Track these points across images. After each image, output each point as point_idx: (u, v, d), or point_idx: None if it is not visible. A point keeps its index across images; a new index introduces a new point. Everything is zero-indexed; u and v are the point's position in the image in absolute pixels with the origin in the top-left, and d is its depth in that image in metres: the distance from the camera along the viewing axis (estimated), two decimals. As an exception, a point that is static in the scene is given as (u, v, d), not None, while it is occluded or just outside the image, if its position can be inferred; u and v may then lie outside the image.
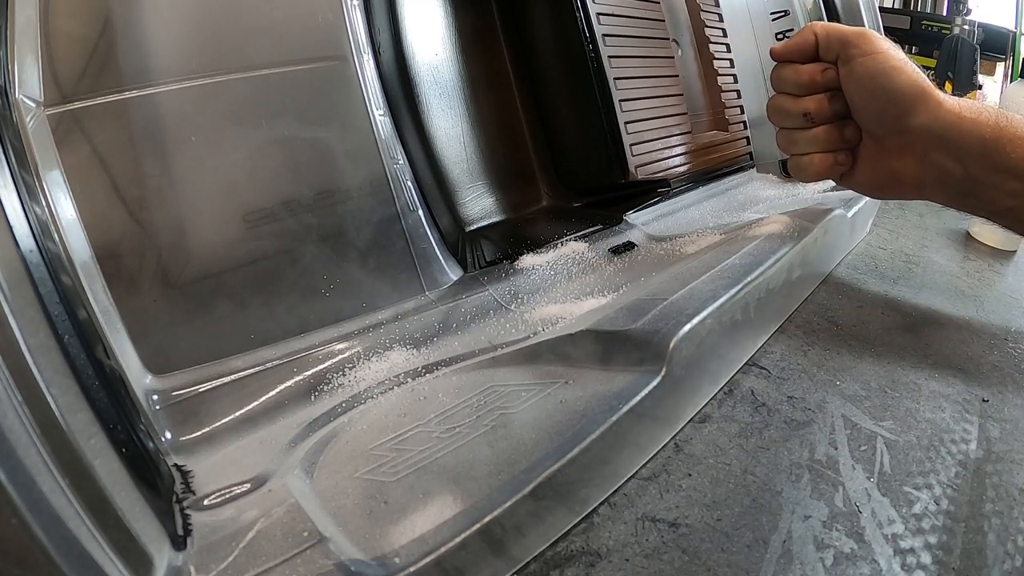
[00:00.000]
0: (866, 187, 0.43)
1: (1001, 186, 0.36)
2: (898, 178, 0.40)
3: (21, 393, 0.19)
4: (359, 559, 0.23)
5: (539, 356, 0.35)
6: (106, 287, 0.30)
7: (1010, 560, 0.28)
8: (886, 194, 0.43)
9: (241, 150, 0.35)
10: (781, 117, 0.42)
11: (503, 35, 0.58)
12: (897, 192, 0.41)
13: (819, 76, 0.40)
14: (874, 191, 0.43)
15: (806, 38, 0.40)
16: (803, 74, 0.40)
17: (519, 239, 0.49)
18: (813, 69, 0.40)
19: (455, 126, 0.53)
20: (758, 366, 0.41)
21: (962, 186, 0.37)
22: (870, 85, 0.38)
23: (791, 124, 0.42)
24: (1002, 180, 0.36)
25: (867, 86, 0.38)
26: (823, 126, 0.40)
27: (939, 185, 0.38)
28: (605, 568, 0.26)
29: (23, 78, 0.29)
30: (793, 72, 0.40)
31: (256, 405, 0.32)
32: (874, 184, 0.42)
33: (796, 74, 0.40)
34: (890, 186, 0.41)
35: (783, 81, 0.41)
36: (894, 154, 0.39)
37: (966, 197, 0.38)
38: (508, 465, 0.27)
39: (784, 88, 0.41)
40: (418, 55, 0.50)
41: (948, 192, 0.39)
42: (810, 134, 0.41)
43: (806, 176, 0.42)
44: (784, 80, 0.41)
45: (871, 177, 0.41)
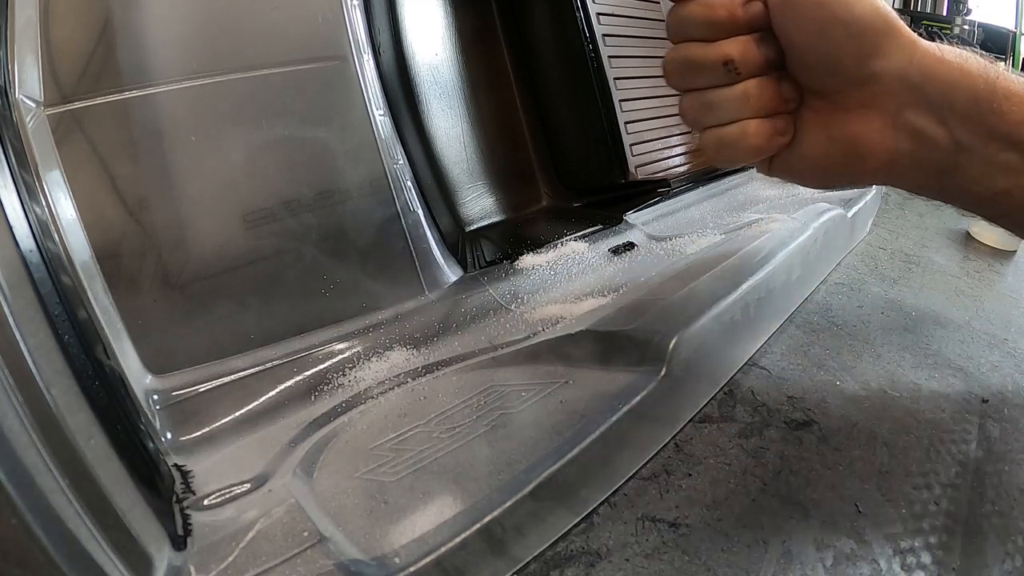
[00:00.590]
0: (813, 170, 0.31)
1: (994, 158, 0.27)
2: (859, 150, 0.29)
3: (21, 393, 0.19)
4: (359, 559, 0.23)
5: (539, 356, 0.35)
6: (106, 287, 0.30)
7: (1010, 560, 0.28)
8: (840, 178, 0.31)
9: (241, 150, 0.35)
10: (688, 73, 0.30)
11: (503, 35, 0.58)
12: (855, 173, 0.30)
13: (740, 10, 0.29)
14: (824, 175, 0.31)
15: None
16: (718, 8, 0.29)
17: (519, 239, 0.49)
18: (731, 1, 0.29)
19: (455, 126, 0.53)
20: (758, 366, 0.41)
21: (945, 158, 0.28)
22: (817, 15, 0.27)
23: (705, 81, 0.30)
24: (996, 150, 0.27)
25: (812, 17, 0.28)
26: (753, 79, 0.29)
27: (914, 158, 0.29)
28: (605, 568, 0.26)
29: (23, 78, 0.29)
30: (702, 7, 0.29)
31: (256, 405, 0.32)
32: (825, 163, 0.30)
33: (707, 9, 0.29)
34: (847, 164, 0.30)
35: (688, 22, 0.29)
36: (853, 114, 0.29)
37: (948, 175, 0.29)
38: (508, 465, 0.27)
39: (690, 32, 0.29)
40: (418, 55, 0.50)
41: (926, 168, 0.29)
42: (736, 91, 0.29)
43: (734, 155, 0.30)
44: (689, 20, 0.29)
45: (822, 151, 0.30)
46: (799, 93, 0.30)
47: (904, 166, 0.29)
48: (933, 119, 0.28)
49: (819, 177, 0.31)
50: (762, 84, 0.29)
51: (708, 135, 0.30)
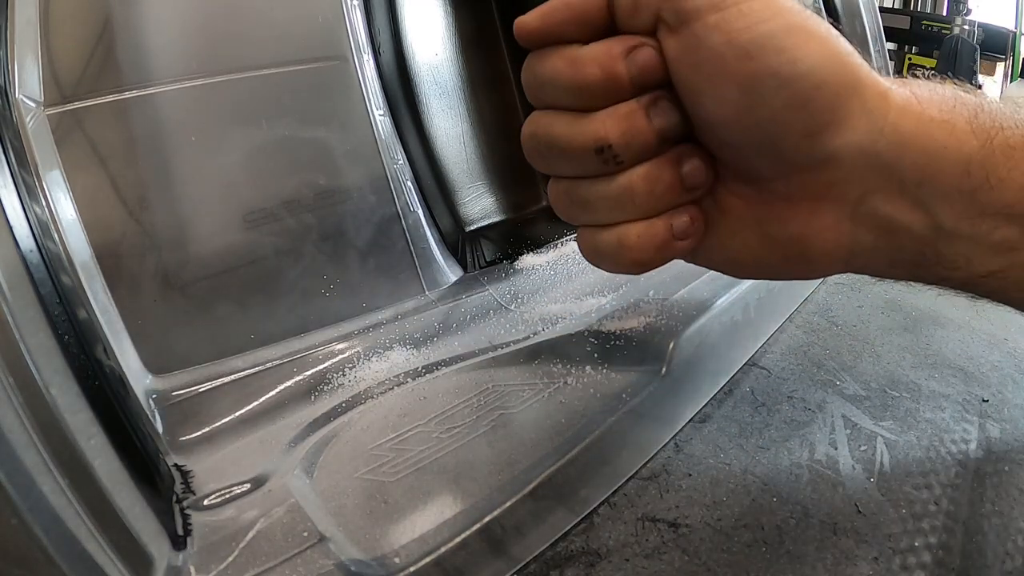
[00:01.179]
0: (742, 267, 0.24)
1: (985, 238, 0.20)
2: (805, 251, 0.22)
3: (21, 393, 0.19)
4: (359, 559, 0.23)
5: (539, 356, 0.35)
6: (106, 287, 0.30)
7: (1010, 560, 0.28)
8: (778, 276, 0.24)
9: (241, 150, 0.35)
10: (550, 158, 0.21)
11: (503, 35, 0.58)
12: (798, 271, 0.23)
13: (621, 64, 0.19)
14: (757, 273, 0.24)
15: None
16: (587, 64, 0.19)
17: (519, 239, 0.49)
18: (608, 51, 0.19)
19: (455, 126, 0.53)
20: (758, 366, 0.41)
21: (921, 247, 0.21)
22: (743, 72, 0.18)
23: (573, 170, 0.21)
24: (989, 228, 0.20)
25: (736, 75, 0.18)
26: (641, 166, 0.20)
27: (880, 254, 0.21)
28: (605, 568, 0.26)
29: (23, 78, 0.29)
30: (565, 63, 0.20)
31: (256, 405, 0.32)
32: (758, 263, 0.23)
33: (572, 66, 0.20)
34: (787, 264, 0.23)
35: (548, 85, 0.21)
36: (798, 209, 0.21)
37: (926, 267, 0.21)
38: (508, 465, 0.27)
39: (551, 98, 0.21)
40: (418, 55, 0.50)
41: (896, 264, 0.22)
42: (614, 187, 0.20)
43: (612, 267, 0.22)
44: (549, 83, 0.20)
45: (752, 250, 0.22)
46: (711, 173, 0.21)
47: (863, 261, 0.22)
48: (906, 202, 0.20)
49: (747, 274, 0.25)
50: (653, 172, 0.20)
51: (584, 237, 0.23)
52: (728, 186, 0.22)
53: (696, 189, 0.21)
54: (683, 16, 0.18)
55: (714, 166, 0.21)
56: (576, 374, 0.33)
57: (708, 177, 0.21)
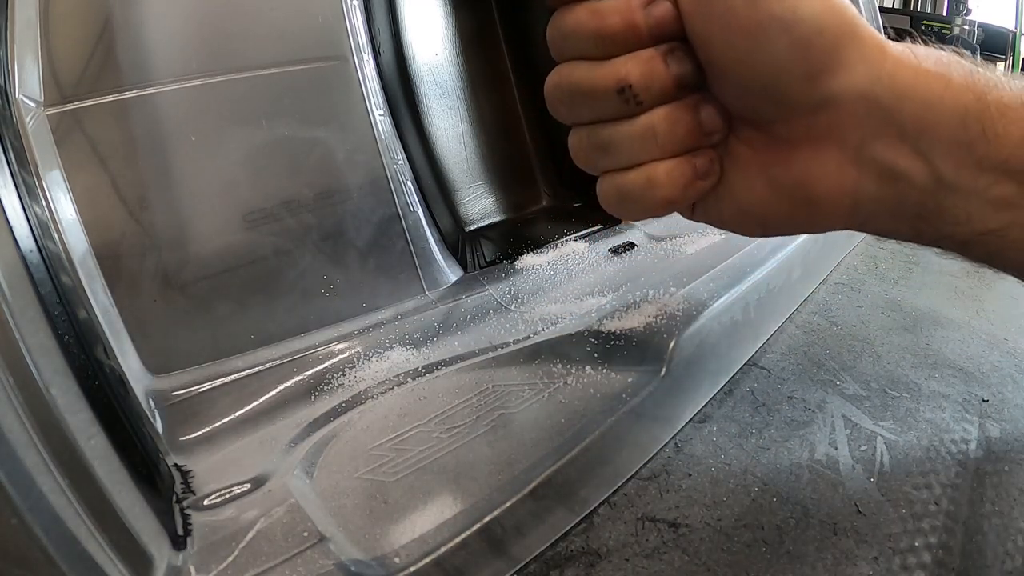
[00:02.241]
0: (748, 218, 0.24)
1: (985, 193, 0.21)
2: (809, 195, 0.22)
3: (21, 393, 0.19)
4: (359, 559, 0.23)
5: (539, 356, 0.35)
6: (106, 287, 0.30)
7: (1010, 560, 0.28)
8: (783, 227, 0.24)
9: (241, 150, 0.35)
10: (574, 104, 0.22)
11: (503, 35, 0.58)
12: (804, 222, 0.24)
13: (639, 14, 0.20)
14: (762, 225, 0.24)
15: None
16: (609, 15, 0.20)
17: (519, 239, 0.49)
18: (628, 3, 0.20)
19: (455, 126, 0.53)
20: (758, 366, 0.41)
21: (923, 198, 0.21)
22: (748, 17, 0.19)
23: (596, 113, 0.22)
24: (988, 183, 0.21)
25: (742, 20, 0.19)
26: (660, 108, 0.21)
27: (882, 202, 0.22)
28: (605, 568, 0.26)
29: (23, 78, 0.29)
30: (588, 13, 0.21)
31: (256, 405, 0.32)
32: (764, 212, 0.23)
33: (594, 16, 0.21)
34: (793, 213, 0.23)
35: (571, 34, 0.21)
36: (802, 151, 0.22)
37: (925, 218, 0.22)
38: (508, 465, 0.27)
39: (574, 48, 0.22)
40: (418, 55, 0.50)
41: (897, 212, 0.22)
42: (637, 126, 0.21)
43: (639, 209, 0.23)
44: (572, 32, 0.21)
45: (759, 198, 0.23)
46: (726, 120, 0.22)
47: (868, 212, 0.22)
48: (907, 150, 0.21)
49: (755, 226, 0.24)
50: (673, 114, 0.21)
51: (606, 183, 0.23)
52: (737, 134, 0.23)
53: (713, 134, 0.22)
54: None
55: (725, 114, 0.22)
56: (576, 374, 0.33)
57: (724, 123, 0.22)
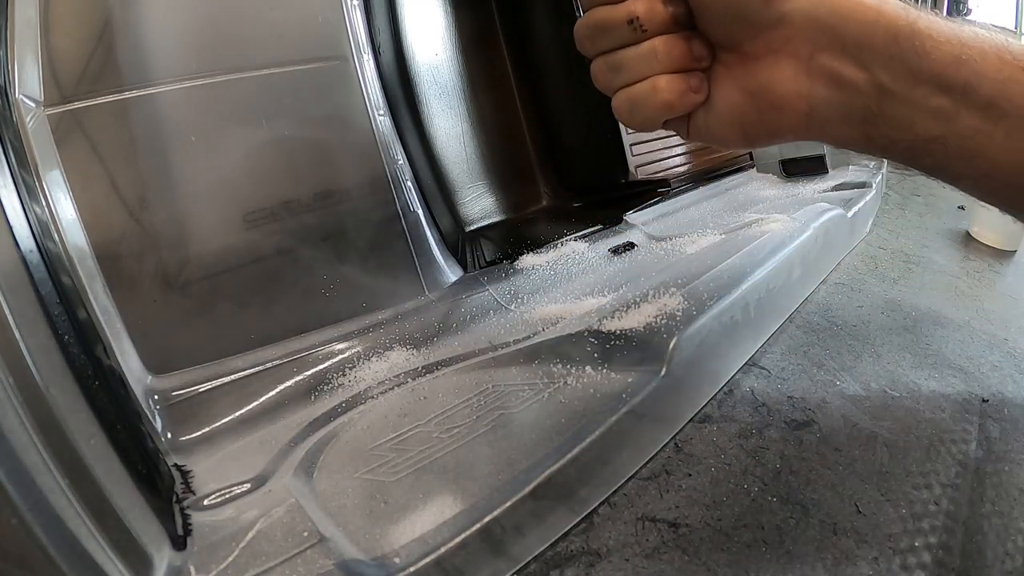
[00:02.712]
0: (731, 128, 0.30)
1: (923, 103, 0.25)
2: (774, 100, 0.28)
3: (21, 393, 0.19)
4: (359, 559, 0.23)
5: (539, 356, 0.35)
6: (106, 287, 0.30)
7: (1010, 560, 0.28)
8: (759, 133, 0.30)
9: (241, 150, 0.35)
10: (597, 36, 0.29)
11: (503, 35, 0.58)
12: (774, 126, 0.29)
13: None
14: (743, 133, 0.30)
15: None
16: None
17: (519, 239, 0.49)
18: None
19: (455, 126, 0.53)
20: (758, 366, 0.41)
21: (868, 103, 0.26)
22: None
23: (613, 42, 0.29)
24: (924, 94, 0.25)
25: None
26: (660, 36, 0.28)
27: (833, 105, 0.27)
28: (605, 568, 0.26)
29: (23, 78, 0.29)
30: None
31: (256, 405, 0.32)
32: (742, 119, 0.29)
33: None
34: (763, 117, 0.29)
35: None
36: (764, 62, 0.28)
37: (872, 123, 0.27)
38: (508, 465, 0.27)
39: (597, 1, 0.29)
40: (418, 55, 0.50)
41: (848, 116, 0.27)
42: (644, 48, 0.28)
43: (646, 113, 0.29)
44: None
45: (736, 106, 0.29)
46: (711, 51, 0.29)
47: (824, 115, 0.27)
48: (850, 62, 0.26)
49: (739, 136, 0.30)
50: (670, 41, 0.28)
51: (619, 96, 0.30)
52: (720, 59, 0.29)
53: (702, 60, 0.29)
54: None
55: (711, 48, 0.29)
56: (576, 374, 0.33)
57: (709, 53, 0.29)
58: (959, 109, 0.25)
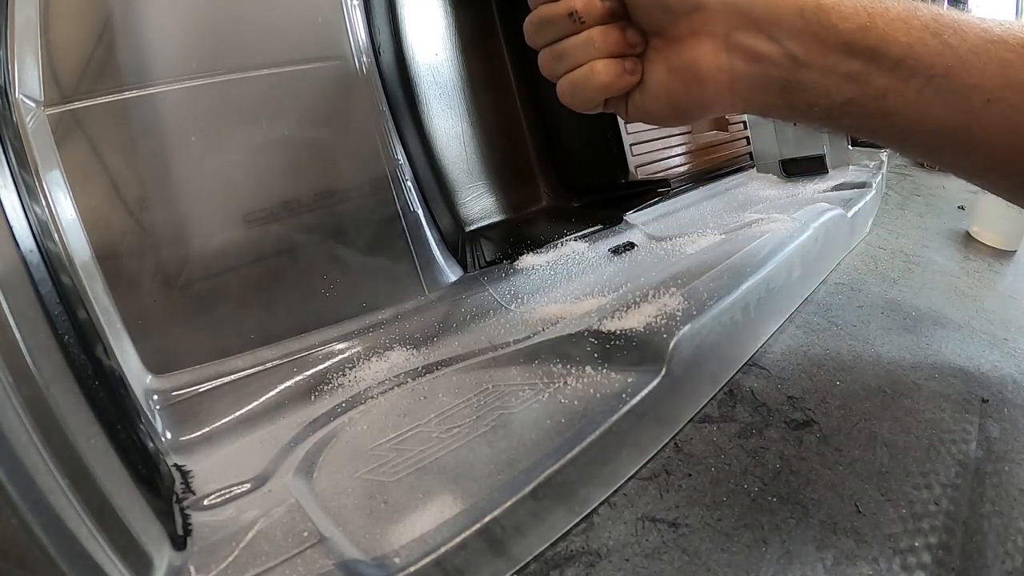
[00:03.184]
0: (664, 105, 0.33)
1: (835, 69, 0.28)
2: (697, 74, 0.31)
3: (21, 393, 0.19)
4: (359, 559, 0.23)
5: (539, 356, 0.35)
6: (106, 287, 0.30)
7: (1010, 560, 0.28)
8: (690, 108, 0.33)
9: (241, 150, 0.35)
10: (542, 30, 0.33)
11: (503, 35, 0.58)
12: (701, 100, 0.32)
13: None
14: (675, 109, 0.33)
15: None
16: None
17: (519, 239, 0.49)
18: None
19: (455, 126, 0.53)
20: (758, 366, 0.41)
21: (784, 74, 0.29)
22: None
23: (556, 34, 0.33)
24: (835, 61, 0.28)
25: None
26: (597, 27, 0.32)
27: (752, 77, 0.30)
28: (605, 568, 0.26)
29: (23, 78, 0.29)
30: None
31: (256, 405, 0.32)
32: (672, 95, 0.32)
33: None
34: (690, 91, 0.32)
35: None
36: (687, 43, 0.31)
37: (791, 91, 0.29)
38: (508, 465, 0.27)
39: None
40: (418, 55, 0.50)
41: (767, 86, 0.30)
42: (582, 37, 0.32)
43: (586, 93, 0.32)
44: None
45: (666, 83, 0.32)
46: (643, 39, 0.32)
47: (745, 86, 0.30)
48: (763, 37, 0.29)
49: (671, 111, 0.33)
50: (606, 30, 0.32)
51: (563, 81, 0.33)
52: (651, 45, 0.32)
53: (636, 46, 0.32)
54: None
55: (643, 35, 0.32)
56: (576, 374, 0.33)
57: (642, 40, 0.32)
58: (870, 72, 0.27)
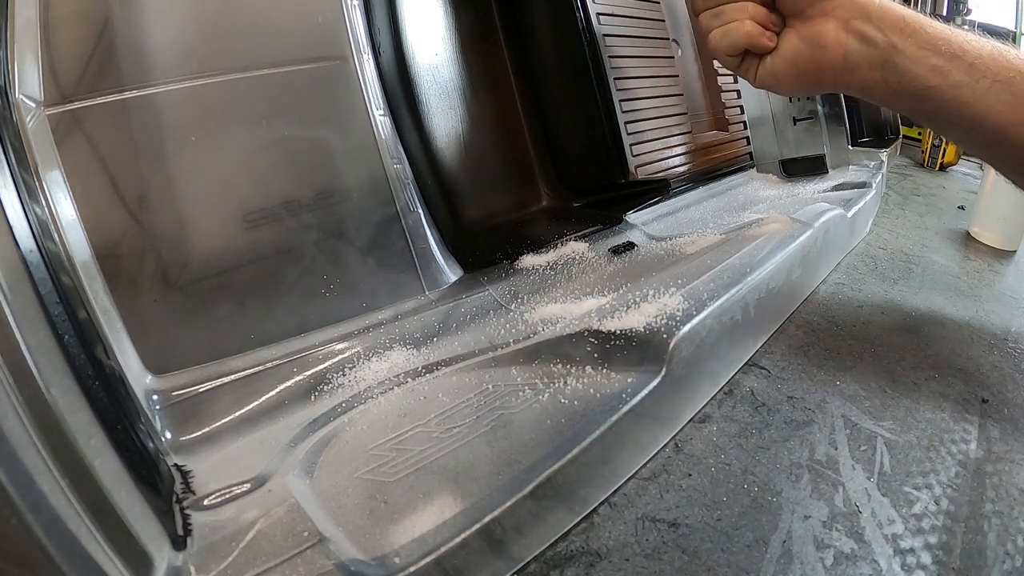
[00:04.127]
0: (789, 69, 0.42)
1: (924, 61, 0.37)
2: (820, 43, 0.40)
3: (21, 393, 0.19)
4: (359, 559, 0.23)
5: (539, 356, 0.35)
6: (106, 287, 0.30)
7: (1010, 560, 0.28)
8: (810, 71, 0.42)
9: (241, 150, 0.35)
10: None
11: (503, 35, 0.58)
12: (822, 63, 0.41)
13: None
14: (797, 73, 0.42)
15: None
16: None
17: (519, 239, 0.49)
18: None
19: (455, 126, 0.53)
20: (758, 366, 0.41)
21: (884, 55, 0.39)
22: None
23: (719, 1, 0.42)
24: (925, 55, 0.37)
25: None
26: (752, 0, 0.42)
27: (861, 53, 0.39)
28: (605, 568, 0.26)
29: (23, 78, 0.29)
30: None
31: (256, 405, 0.32)
32: (797, 59, 0.41)
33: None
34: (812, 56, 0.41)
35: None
36: (817, 21, 0.40)
37: (888, 69, 0.39)
38: (508, 465, 0.27)
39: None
40: (418, 55, 0.50)
41: (871, 61, 0.39)
42: (739, 4, 0.42)
43: (734, 38, 0.42)
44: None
45: (794, 49, 0.41)
46: (782, 20, 0.42)
47: (854, 60, 0.40)
48: (873, 27, 0.39)
49: (794, 73, 0.42)
50: (756, 4, 0.42)
51: (715, 32, 0.43)
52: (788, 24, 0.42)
53: (776, 24, 0.42)
54: None
55: (782, 20, 0.42)
56: (576, 374, 0.33)
57: (781, 20, 0.42)
58: (950, 68, 0.37)
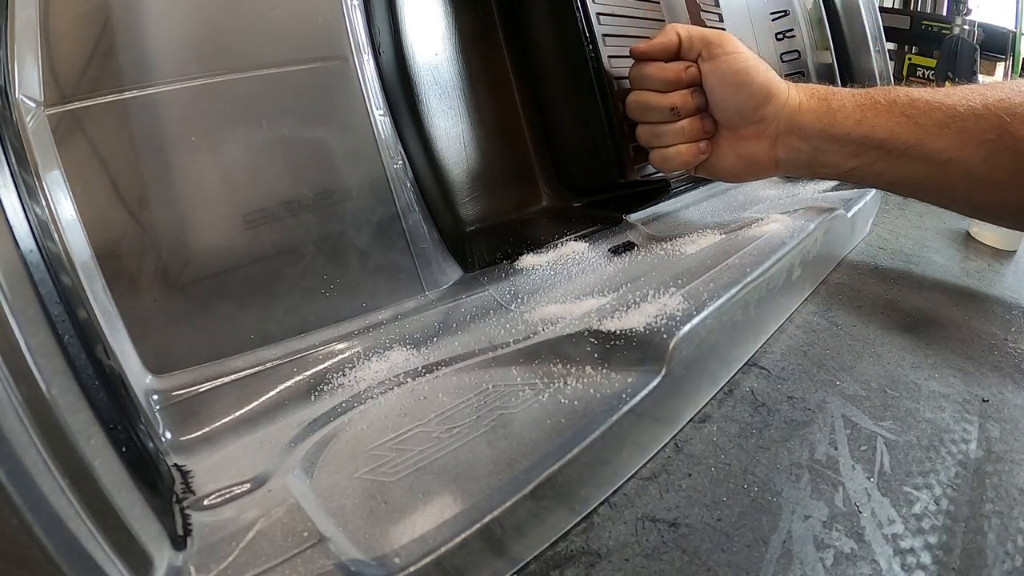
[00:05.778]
0: (724, 172, 0.48)
1: (840, 151, 0.44)
2: (754, 159, 0.47)
3: (21, 393, 0.19)
4: (359, 559, 0.23)
5: (539, 356, 0.35)
6: (106, 287, 0.30)
7: (1010, 560, 0.28)
8: (741, 176, 0.49)
9: (241, 150, 0.35)
10: (645, 112, 0.46)
11: (503, 35, 0.58)
12: (752, 172, 0.48)
13: (683, 73, 0.45)
14: (731, 175, 0.49)
15: (669, 38, 0.45)
16: (668, 71, 0.45)
17: (519, 239, 0.49)
18: (678, 67, 0.45)
19: (455, 126, 0.53)
20: (758, 366, 0.41)
21: (810, 158, 0.45)
22: (733, 80, 0.44)
23: (656, 118, 0.46)
24: (839, 147, 0.44)
25: (730, 81, 0.44)
26: (688, 118, 0.45)
27: (791, 160, 0.46)
28: (605, 568, 0.26)
29: (23, 78, 0.29)
30: (659, 69, 0.45)
31: (256, 405, 0.32)
32: (732, 168, 0.48)
33: (662, 71, 0.45)
34: (746, 168, 0.47)
35: (648, 79, 0.46)
36: (750, 140, 0.46)
37: (816, 166, 0.46)
38: (508, 465, 0.27)
39: (648, 85, 0.46)
40: (418, 55, 0.50)
41: (800, 164, 0.46)
42: (676, 127, 0.45)
43: (672, 165, 0.47)
44: (649, 77, 0.45)
45: (730, 162, 0.47)
46: (715, 126, 0.48)
47: (785, 164, 0.47)
48: (798, 138, 0.45)
49: (728, 176, 0.49)
50: (693, 122, 0.46)
51: (655, 153, 0.48)
52: (720, 132, 0.48)
53: (710, 132, 0.47)
54: (711, 55, 0.45)
55: (715, 123, 0.47)
56: (576, 374, 0.33)
57: (713, 126, 0.47)
58: (864, 150, 0.43)
